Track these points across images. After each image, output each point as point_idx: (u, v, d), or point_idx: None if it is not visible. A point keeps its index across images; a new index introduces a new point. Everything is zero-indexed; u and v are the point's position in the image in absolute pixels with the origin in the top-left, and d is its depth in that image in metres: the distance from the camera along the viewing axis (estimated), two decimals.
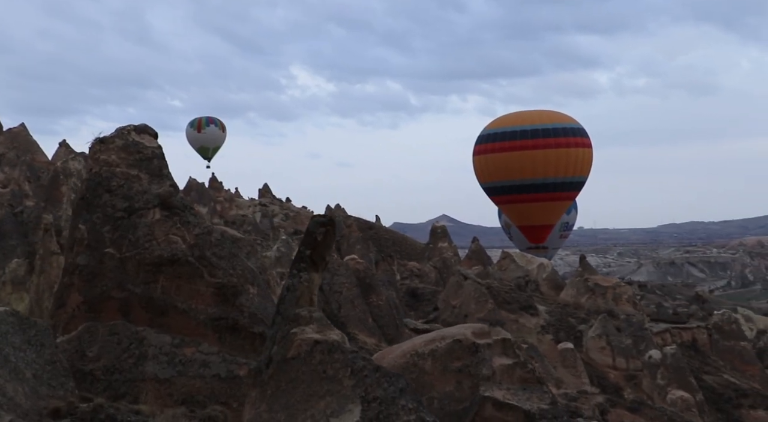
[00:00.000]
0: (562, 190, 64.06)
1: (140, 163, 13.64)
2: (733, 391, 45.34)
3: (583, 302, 56.48)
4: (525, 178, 63.35)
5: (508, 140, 64.26)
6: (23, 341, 11.24)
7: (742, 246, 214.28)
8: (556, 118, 66.13)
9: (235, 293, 12.88)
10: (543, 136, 63.51)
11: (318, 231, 10.75)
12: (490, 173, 65.25)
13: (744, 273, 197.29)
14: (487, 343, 12.40)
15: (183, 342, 12.79)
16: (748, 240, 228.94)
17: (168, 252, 12.93)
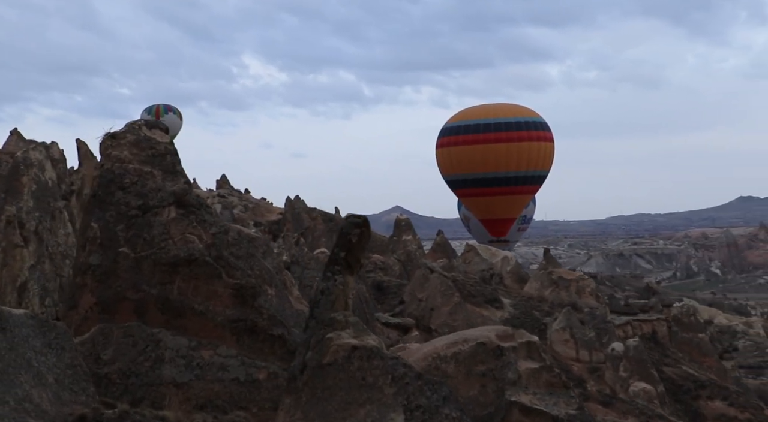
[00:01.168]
0: (524, 183, 64.35)
1: (153, 159, 13.23)
2: (691, 383, 46.08)
3: (547, 295, 56.76)
4: (487, 171, 63.47)
5: (471, 133, 64.33)
6: (44, 345, 10.83)
7: (687, 238, 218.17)
8: (519, 111, 66.37)
9: (253, 294, 12.55)
10: (506, 130, 63.68)
11: (353, 233, 10.50)
12: (452, 166, 65.30)
13: (689, 264, 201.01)
14: (511, 346, 12.23)
15: (200, 345, 12.44)
16: (693, 232, 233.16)
17: (185, 251, 12.55)
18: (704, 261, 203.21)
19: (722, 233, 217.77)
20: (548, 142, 65.34)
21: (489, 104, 68.33)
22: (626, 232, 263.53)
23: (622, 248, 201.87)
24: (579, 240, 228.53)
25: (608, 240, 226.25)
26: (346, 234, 10.55)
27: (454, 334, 13.04)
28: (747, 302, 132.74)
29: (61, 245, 32.29)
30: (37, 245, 31.19)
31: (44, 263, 31.07)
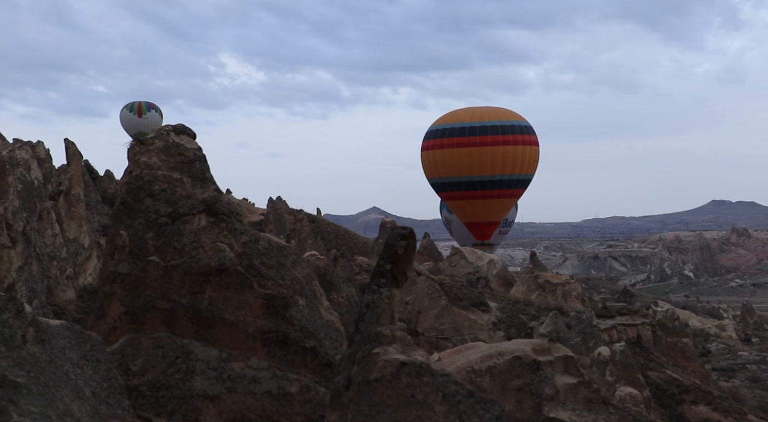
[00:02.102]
0: (509, 187, 64.47)
1: (182, 165, 12.97)
2: (676, 387, 46.41)
3: (533, 299, 56.91)
4: (473, 174, 63.54)
5: (457, 136, 64.36)
6: (80, 356, 10.57)
7: (661, 241, 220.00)
8: (505, 115, 66.46)
9: (285, 305, 12.32)
10: (491, 133, 63.76)
11: (399, 244, 10.30)
12: (437, 169, 65.28)
13: (662, 267, 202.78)
14: (548, 360, 12.04)
15: (231, 357, 12.19)
16: (667, 235, 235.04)
17: (216, 261, 12.30)
18: (678, 264, 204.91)
19: (695, 236, 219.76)
20: (533, 146, 65.50)
21: (475, 107, 68.37)
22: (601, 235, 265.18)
23: (598, 251, 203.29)
24: (555, 242, 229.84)
25: (584, 243, 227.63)
26: (392, 246, 10.36)
27: (487, 346, 12.82)
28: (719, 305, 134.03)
29: (49, 246, 31.86)
30: (24, 246, 30.71)
31: (32, 264, 30.61)
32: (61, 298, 29.69)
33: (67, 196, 36.09)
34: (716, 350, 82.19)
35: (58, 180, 39.67)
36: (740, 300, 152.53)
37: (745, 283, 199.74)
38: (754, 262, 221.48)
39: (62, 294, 31.56)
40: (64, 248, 33.53)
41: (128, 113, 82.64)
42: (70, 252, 34.37)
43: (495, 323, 47.42)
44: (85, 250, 35.87)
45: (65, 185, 38.48)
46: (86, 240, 34.26)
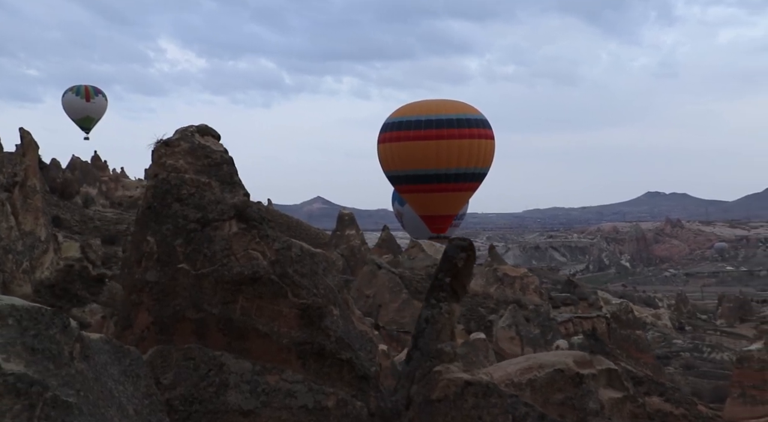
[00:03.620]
0: (464, 180, 64.47)
1: (209, 168, 12.41)
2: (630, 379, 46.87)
3: (492, 292, 57.15)
4: (429, 167, 63.37)
5: (413, 129, 64.09)
6: (120, 372, 10.01)
7: (599, 232, 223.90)
8: (461, 108, 66.39)
9: (320, 315, 11.87)
10: (448, 127, 63.64)
11: (459, 257, 9.97)
12: (394, 162, 64.98)
13: (601, 257, 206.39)
14: (591, 374, 11.81)
15: (265, 369, 11.71)
16: (605, 226, 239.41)
17: (249, 269, 11.79)
18: (615, 254, 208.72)
19: (632, 227, 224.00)
20: (489, 140, 65.58)
21: (431, 100, 68.21)
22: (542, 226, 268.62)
23: (539, 241, 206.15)
24: (497, 232, 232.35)
25: (525, 233, 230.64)
26: (451, 259, 10.01)
27: (524, 358, 12.52)
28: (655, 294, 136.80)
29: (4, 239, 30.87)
30: None
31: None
32: (17, 293, 28.65)
33: (23, 188, 34.90)
34: (652, 338, 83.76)
35: (14, 170, 38.43)
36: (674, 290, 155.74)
37: (678, 273, 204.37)
38: (686, 252, 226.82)
39: (18, 289, 30.51)
40: (20, 241, 32.40)
41: (74, 97, 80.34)
42: (26, 245, 33.21)
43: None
44: (42, 243, 34.68)
45: (20, 176, 37.29)
46: (43, 233, 33.10)
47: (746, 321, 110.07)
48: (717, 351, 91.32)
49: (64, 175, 69.83)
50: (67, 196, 68.92)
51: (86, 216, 63.91)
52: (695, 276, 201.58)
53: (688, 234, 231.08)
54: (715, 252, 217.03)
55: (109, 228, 61.88)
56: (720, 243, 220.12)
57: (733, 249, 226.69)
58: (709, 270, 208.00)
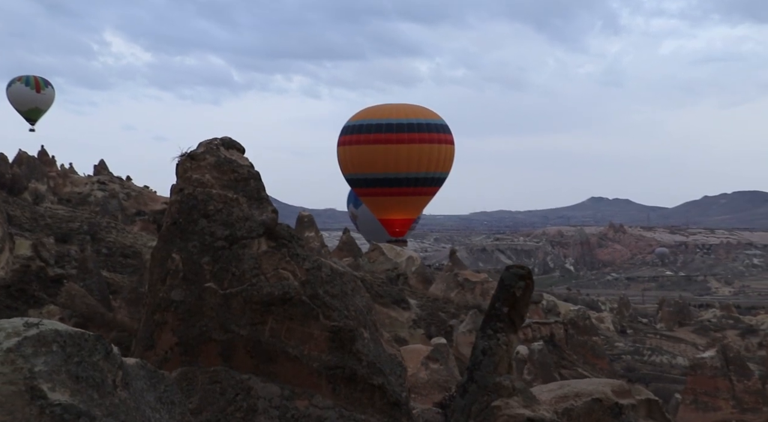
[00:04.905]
0: (424, 184, 64.47)
1: (236, 183, 11.92)
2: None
3: (452, 296, 57.03)
4: (388, 171, 63.25)
5: (373, 133, 63.92)
6: (156, 399, 9.50)
7: (544, 236, 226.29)
8: (421, 113, 66.36)
9: (351, 338, 11.46)
10: (408, 131, 63.59)
11: (517, 285, 9.64)
12: (353, 165, 64.69)
13: (546, 260, 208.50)
14: (630, 404, 11.56)
15: (294, 394, 11.27)
16: (550, 229, 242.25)
17: (279, 289, 11.33)
18: (559, 257, 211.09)
19: (576, 231, 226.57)
20: (449, 145, 65.66)
21: (392, 104, 68.06)
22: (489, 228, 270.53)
23: (485, 243, 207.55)
24: (444, 234, 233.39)
25: (472, 236, 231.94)
26: (508, 288, 9.68)
27: (558, 386, 12.23)
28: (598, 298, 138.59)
29: None
30: None
31: None
32: None
33: None
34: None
35: None
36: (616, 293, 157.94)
37: (620, 277, 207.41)
38: (628, 257, 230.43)
39: None
40: None
41: (23, 87, 78.13)
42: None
43: (415, 320, 47.17)
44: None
45: None
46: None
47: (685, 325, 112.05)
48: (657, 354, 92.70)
49: (12, 170, 68.02)
50: (15, 192, 67.05)
51: (37, 214, 62.29)
52: (636, 281, 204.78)
53: (630, 239, 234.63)
54: (656, 258, 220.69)
55: (61, 227, 60.42)
56: (661, 248, 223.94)
57: (673, 255, 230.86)
58: (649, 275, 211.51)
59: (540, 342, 47.88)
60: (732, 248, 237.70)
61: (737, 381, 56.66)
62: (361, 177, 64.25)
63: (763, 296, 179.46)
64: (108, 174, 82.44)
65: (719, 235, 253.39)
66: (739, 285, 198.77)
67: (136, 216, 75.00)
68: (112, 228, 57.96)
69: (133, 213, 75.81)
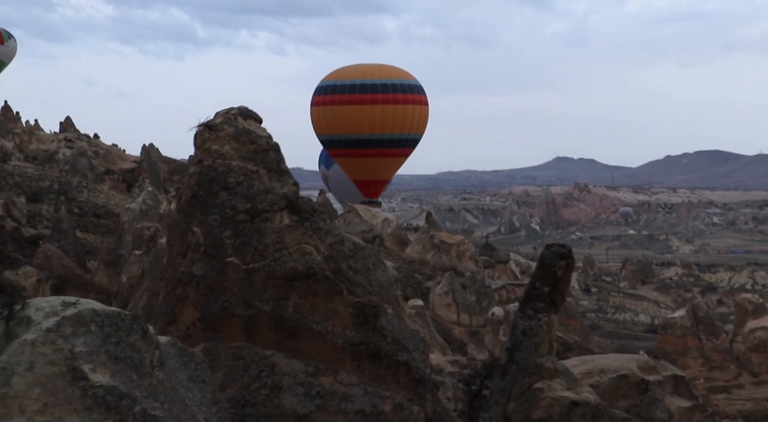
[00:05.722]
0: (398, 146, 64.18)
1: (256, 155, 11.60)
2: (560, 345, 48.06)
3: (428, 258, 57.03)
4: (362, 132, 62.80)
5: (347, 93, 63.33)
6: (188, 378, 9.30)
7: (511, 195, 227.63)
8: (395, 73, 65.84)
9: (375, 314, 11.26)
10: (382, 92, 63.09)
11: (558, 265, 9.47)
12: (327, 126, 64.13)
13: (512, 220, 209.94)
14: (657, 380, 11.47)
15: (318, 371, 11.07)
16: (516, 189, 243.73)
17: (302, 264, 11.08)
18: (525, 217, 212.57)
19: (542, 191, 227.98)
20: (423, 106, 65.29)
21: (366, 64, 67.41)
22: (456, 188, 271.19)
23: (452, 203, 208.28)
24: (412, 194, 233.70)
25: (439, 195, 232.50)
26: (549, 267, 9.50)
27: (581, 361, 12.10)
28: None
29: None
30: None
31: None
32: None
33: None
34: None
35: None
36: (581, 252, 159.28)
37: (584, 236, 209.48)
38: (592, 216, 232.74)
39: None
40: None
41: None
42: None
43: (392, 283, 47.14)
44: None
45: None
46: None
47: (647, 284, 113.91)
48: (620, 311, 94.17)
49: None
50: None
51: (5, 172, 61.06)
52: (600, 240, 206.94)
53: (594, 198, 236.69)
54: (620, 217, 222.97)
55: (31, 185, 59.38)
56: (625, 208, 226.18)
57: (636, 214, 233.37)
58: (612, 234, 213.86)
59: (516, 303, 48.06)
60: (693, 207, 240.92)
61: (706, 339, 57.57)
62: (336, 138, 63.74)
63: (722, 254, 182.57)
64: (75, 131, 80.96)
65: (681, 195, 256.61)
66: (699, 244, 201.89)
67: (105, 174, 73.91)
68: (84, 187, 57.09)
69: (102, 172, 74.69)
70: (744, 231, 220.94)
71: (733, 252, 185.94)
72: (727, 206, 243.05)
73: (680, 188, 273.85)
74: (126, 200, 58.42)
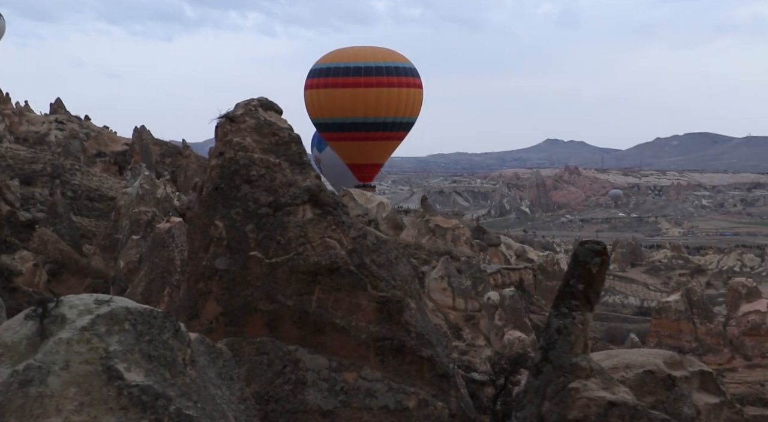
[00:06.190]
0: (392, 129, 63.73)
1: (277, 147, 11.41)
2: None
3: (424, 243, 56.85)
4: (357, 116, 62.33)
5: (341, 76, 62.79)
6: (216, 375, 9.17)
7: (501, 178, 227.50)
8: (390, 56, 65.31)
9: (399, 308, 11.13)
10: (376, 74, 62.56)
11: (593, 262, 9.34)
12: (321, 109, 63.65)
13: (502, 202, 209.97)
14: (683, 376, 11.37)
15: (342, 366, 10.95)
16: (506, 172, 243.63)
17: (326, 259, 10.93)
18: (515, 199, 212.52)
19: (532, 173, 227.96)
20: (417, 89, 64.81)
21: (360, 47, 66.79)
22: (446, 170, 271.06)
23: (443, 185, 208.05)
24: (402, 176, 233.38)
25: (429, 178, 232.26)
26: (584, 264, 9.37)
27: (606, 356, 11.98)
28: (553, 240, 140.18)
29: None
30: None
31: None
32: None
33: None
34: None
35: None
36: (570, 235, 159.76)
37: (574, 219, 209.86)
38: (582, 199, 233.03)
39: None
40: None
41: None
42: None
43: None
44: None
45: None
46: None
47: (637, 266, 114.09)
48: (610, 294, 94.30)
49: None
50: None
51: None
52: (590, 222, 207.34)
53: (584, 181, 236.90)
54: (611, 199, 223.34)
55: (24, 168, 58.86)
56: (615, 190, 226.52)
57: (625, 196, 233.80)
58: (602, 216, 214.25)
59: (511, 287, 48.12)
60: (682, 189, 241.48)
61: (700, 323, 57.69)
62: (330, 121, 63.28)
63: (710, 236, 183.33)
64: (66, 113, 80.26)
65: (670, 177, 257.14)
66: (688, 226, 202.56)
67: (97, 157, 73.35)
68: (77, 170, 56.63)
69: (93, 155, 74.15)
70: (732, 213, 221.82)
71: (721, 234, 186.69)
72: (715, 188, 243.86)
73: (669, 170, 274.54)
74: (119, 183, 58.04)
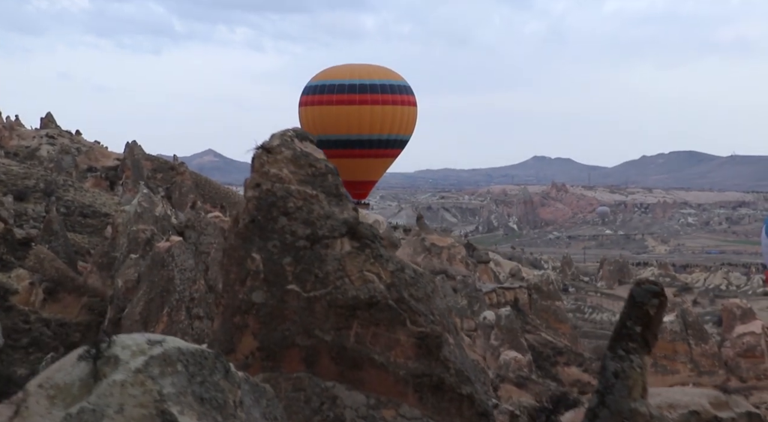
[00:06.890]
0: (387, 147, 63.82)
1: (314, 179, 11.19)
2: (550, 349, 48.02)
3: (419, 261, 56.71)
4: (351, 133, 62.37)
5: (336, 93, 62.84)
6: (261, 416, 8.89)
7: (489, 194, 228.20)
8: (384, 74, 65.46)
9: (438, 345, 10.90)
10: (371, 92, 62.67)
11: (651, 304, 9.13)
12: (315, 126, 63.55)
13: (490, 219, 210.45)
14: (730, 417, 11.17)
15: (380, 403, 10.70)
16: (494, 188, 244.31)
17: (365, 293, 10.70)
18: (503, 216, 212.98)
19: (520, 190, 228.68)
20: (411, 106, 64.95)
21: (354, 64, 66.92)
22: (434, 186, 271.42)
23: (430, 201, 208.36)
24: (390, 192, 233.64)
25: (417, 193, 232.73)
26: (641, 305, 9.15)
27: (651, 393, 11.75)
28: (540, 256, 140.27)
29: None
30: None
31: None
32: None
33: None
34: None
35: None
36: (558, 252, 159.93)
37: (561, 236, 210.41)
38: (569, 216, 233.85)
39: None
40: None
41: None
42: None
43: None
44: None
45: None
46: None
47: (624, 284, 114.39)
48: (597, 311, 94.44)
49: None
50: None
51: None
52: (577, 239, 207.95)
53: (571, 198, 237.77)
54: (598, 216, 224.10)
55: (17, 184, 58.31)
56: (602, 207, 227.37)
57: (612, 214, 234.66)
58: (589, 234, 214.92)
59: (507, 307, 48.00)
60: (668, 207, 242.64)
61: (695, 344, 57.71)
62: (324, 138, 63.13)
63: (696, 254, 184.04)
64: (56, 127, 79.87)
65: (656, 195, 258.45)
66: (674, 244, 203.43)
67: (88, 172, 72.88)
68: (70, 186, 56.23)
69: (85, 170, 73.69)
70: (718, 231, 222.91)
71: (707, 252, 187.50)
72: (701, 207, 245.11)
73: (656, 188, 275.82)
74: (112, 199, 57.57)
